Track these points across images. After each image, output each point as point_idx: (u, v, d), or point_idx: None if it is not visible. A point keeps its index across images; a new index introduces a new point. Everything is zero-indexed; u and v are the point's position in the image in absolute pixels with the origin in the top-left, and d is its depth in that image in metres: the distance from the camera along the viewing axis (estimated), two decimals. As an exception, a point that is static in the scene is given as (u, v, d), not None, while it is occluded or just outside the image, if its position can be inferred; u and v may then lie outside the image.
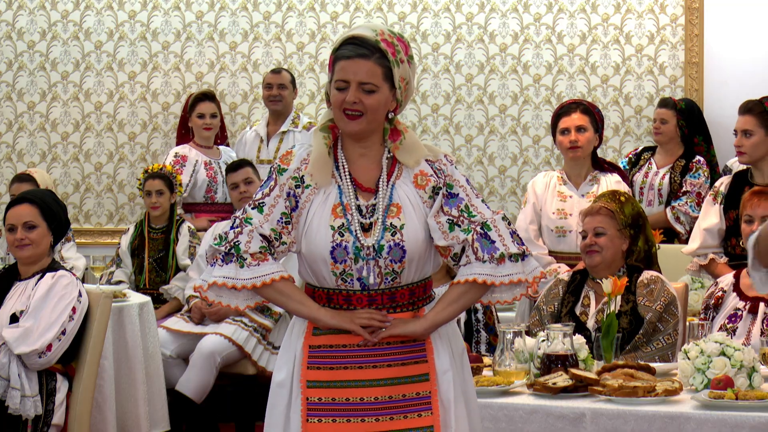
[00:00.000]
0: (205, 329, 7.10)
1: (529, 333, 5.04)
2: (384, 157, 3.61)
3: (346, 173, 3.58)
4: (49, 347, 5.18)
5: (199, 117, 8.44)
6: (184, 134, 8.61)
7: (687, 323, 4.94)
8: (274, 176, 3.60)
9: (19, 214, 5.40)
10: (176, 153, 8.40)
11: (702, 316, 5.25)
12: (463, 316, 5.43)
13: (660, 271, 5.35)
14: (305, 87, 8.90)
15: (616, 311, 5.04)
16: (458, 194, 3.60)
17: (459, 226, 3.57)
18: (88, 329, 5.40)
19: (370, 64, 3.51)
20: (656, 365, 4.56)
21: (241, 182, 7.35)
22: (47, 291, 5.27)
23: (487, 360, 4.77)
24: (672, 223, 7.72)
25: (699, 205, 7.72)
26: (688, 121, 8.16)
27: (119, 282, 7.64)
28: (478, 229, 3.57)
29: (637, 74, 8.80)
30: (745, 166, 6.27)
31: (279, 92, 8.45)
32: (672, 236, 7.71)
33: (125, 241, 7.85)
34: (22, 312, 5.25)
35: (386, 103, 3.56)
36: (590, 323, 5.12)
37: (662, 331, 5.06)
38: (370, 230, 3.53)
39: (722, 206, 6.14)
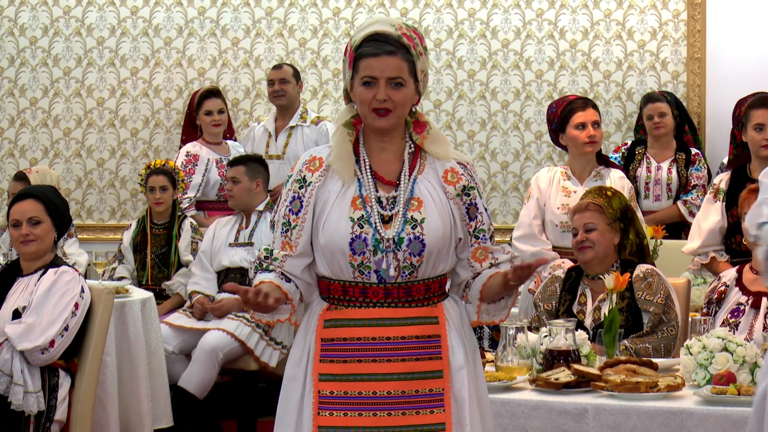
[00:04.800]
0: (207, 325, 7.11)
1: (531, 329, 5.05)
2: (406, 151, 3.63)
3: (367, 167, 3.60)
4: (51, 343, 5.19)
5: (206, 114, 8.45)
6: (191, 132, 8.62)
7: (689, 318, 4.94)
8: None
9: (23, 210, 5.40)
10: (188, 152, 8.41)
11: (704, 311, 5.26)
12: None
13: (654, 264, 5.36)
14: (307, 83, 8.89)
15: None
16: (478, 206, 3.65)
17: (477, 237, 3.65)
18: (90, 325, 5.40)
19: (397, 60, 3.54)
20: (658, 361, 4.56)
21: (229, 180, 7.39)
22: (50, 287, 5.27)
23: (489, 356, 4.77)
24: (686, 217, 7.71)
25: None
26: (679, 112, 8.21)
27: (121, 278, 7.65)
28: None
29: (640, 70, 8.79)
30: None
31: (281, 87, 8.45)
32: (676, 231, 7.70)
33: (127, 237, 7.85)
34: (24, 308, 5.25)
35: (412, 97, 3.59)
36: (587, 322, 5.12)
37: (666, 322, 5.07)
38: (389, 222, 3.55)
39: (724, 204, 6.13)
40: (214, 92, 8.55)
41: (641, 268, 5.19)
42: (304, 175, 3.61)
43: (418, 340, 3.57)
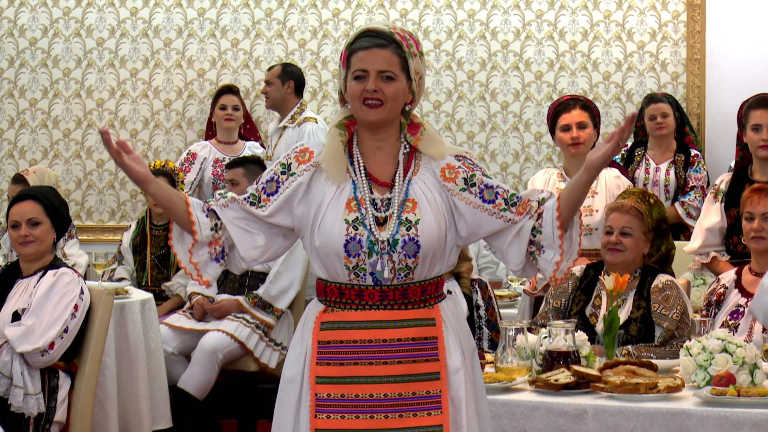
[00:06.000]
0: (207, 326, 7.11)
1: (537, 325, 5.03)
2: (401, 152, 3.62)
3: (361, 168, 3.59)
4: (51, 345, 5.18)
5: (221, 109, 8.52)
6: (211, 135, 8.67)
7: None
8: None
9: (23, 211, 5.40)
10: (189, 150, 8.51)
11: (704, 312, 5.25)
12: (465, 313, 5.42)
13: (673, 273, 5.32)
14: (306, 84, 8.89)
15: (627, 318, 5.01)
16: (492, 185, 3.61)
17: (509, 202, 3.60)
18: (90, 326, 5.40)
19: (388, 53, 3.55)
20: (658, 362, 4.55)
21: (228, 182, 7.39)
22: (49, 288, 5.26)
23: (489, 357, 4.77)
24: (684, 219, 7.70)
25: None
26: (679, 113, 8.20)
27: (121, 279, 7.65)
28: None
29: (639, 71, 8.80)
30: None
31: (265, 89, 8.48)
32: (678, 232, 7.69)
33: (127, 238, 7.85)
34: (24, 310, 5.24)
35: (404, 94, 3.58)
36: (599, 327, 5.04)
37: (678, 338, 5.02)
38: (384, 224, 3.54)
39: (723, 204, 6.14)
40: (232, 89, 8.62)
41: (661, 279, 5.13)
42: (290, 163, 3.61)
43: (414, 342, 3.56)
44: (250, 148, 8.53)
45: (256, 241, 3.62)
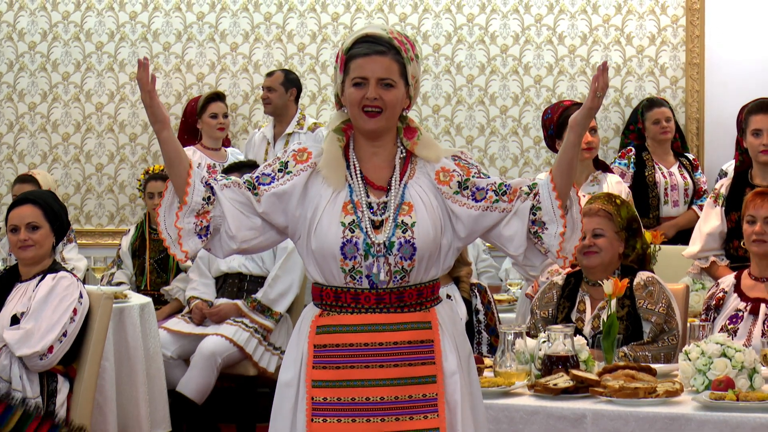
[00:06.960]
0: (205, 330, 7.11)
1: (529, 334, 5.03)
2: (397, 157, 3.63)
3: (358, 172, 3.60)
4: (50, 349, 5.19)
5: (212, 117, 8.46)
6: (187, 139, 8.60)
7: (688, 324, 4.94)
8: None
9: (22, 215, 5.41)
10: None
11: (703, 317, 5.25)
12: (464, 317, 5.43)
13: (653, 272, 5.34)
14: (306, 88, 8.89)
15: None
16: (482, 186, 3.61)
17: (496, 193, 3.61)
18: (89, 330, 5.40)
19: (388, 61, 3.56)
20: (657, 366, 4.56)
21: None
22: (48, 292, 5.27)
23: (488, 361, 4.77)
24: None
25: None
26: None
27: (120, 283, 7.65)
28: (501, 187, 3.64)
29: (638, 75, 8.80)
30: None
31: (267, 95, 8.45)
32: (685, 236, 7.67)
33: (126, 242, 7.85)
34: (23, 313, 5.25)
35: (402, 100, 3.60)
36: (586, 330, 5.08)
37: (667, 332, 5.04)
38: (380, 227, 3.55)
39: (723, 208, 6.14)
40: (220, 96, 8.57)
41: (642, 276, 5.16)
42: (287, 161, 3.61)
43: (410, 345, 3.57)
44: (233, 155, 8.50)
45: (253, 222, 3.62)
